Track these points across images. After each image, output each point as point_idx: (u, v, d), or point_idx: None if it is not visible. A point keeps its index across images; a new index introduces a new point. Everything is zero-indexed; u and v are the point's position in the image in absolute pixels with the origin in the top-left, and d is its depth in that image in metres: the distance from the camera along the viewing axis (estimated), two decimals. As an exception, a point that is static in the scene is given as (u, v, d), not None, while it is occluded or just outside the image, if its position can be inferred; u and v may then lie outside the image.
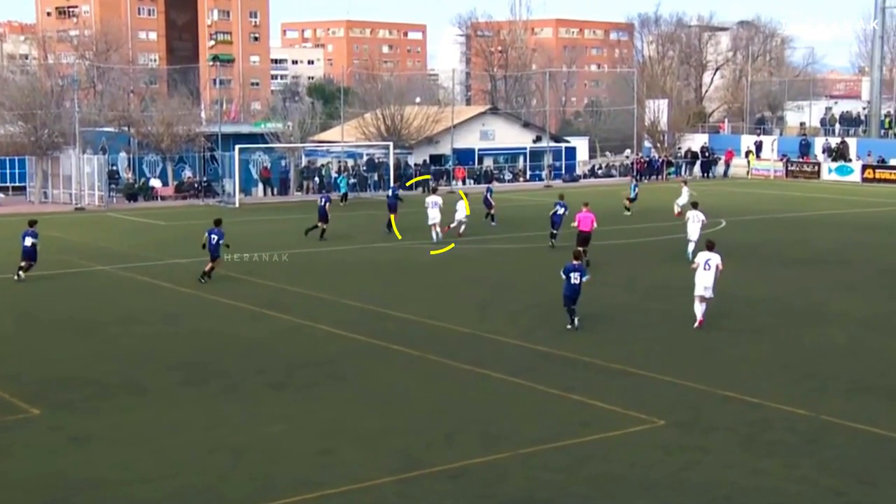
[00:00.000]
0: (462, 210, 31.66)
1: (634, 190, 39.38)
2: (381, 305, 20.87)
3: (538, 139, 60.99)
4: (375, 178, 52.61)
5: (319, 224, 31.56)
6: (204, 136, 50.41)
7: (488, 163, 59.48)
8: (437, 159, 57.20)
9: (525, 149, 60.48)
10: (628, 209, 37.40)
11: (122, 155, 50.46)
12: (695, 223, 26.17)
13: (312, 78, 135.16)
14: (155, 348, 17.19)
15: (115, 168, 48.92)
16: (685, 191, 37.74)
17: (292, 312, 20.18)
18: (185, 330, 18.77)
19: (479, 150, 59.07)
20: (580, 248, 20.03)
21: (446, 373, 15.69)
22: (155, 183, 49.00)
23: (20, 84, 49.68)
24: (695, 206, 27.17)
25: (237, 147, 45.45)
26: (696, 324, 18.83)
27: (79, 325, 19.02)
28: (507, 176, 58.92)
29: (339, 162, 53.46)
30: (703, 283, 19.47)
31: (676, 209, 37.40)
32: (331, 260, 27.77)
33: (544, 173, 58.15)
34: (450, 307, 20.86)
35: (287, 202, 47.15)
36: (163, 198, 48.20)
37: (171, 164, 49.82)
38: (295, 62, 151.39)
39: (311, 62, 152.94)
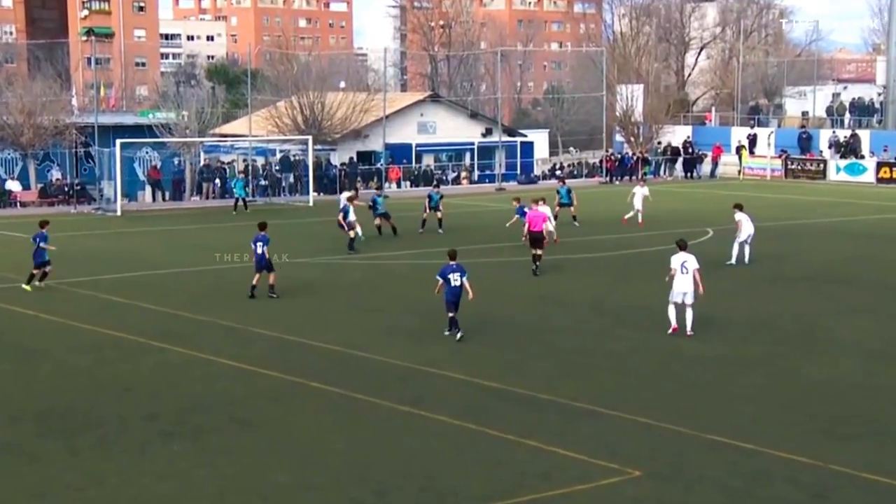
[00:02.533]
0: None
1: (567, 194, 38.03)
2: (297, 334, 20.80)
3: (488, 132, 61.49)
4: (291, 179, 52.44)
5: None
6: (76, 129, 49.73)
7: (428, 161, 59.74)
8: (366, 157, 57.27)
9: (473, 144, 60.90)
10: (556, 216, 36.88)
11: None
12: (749, 224, 28.95)
13: (212, 58, 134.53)
14: (7, 392, 16.83)
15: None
16: (638, 193, 38.39)
17: (187, 343, 19.98)
18: (47, 368, 18.45)
19: (418, 145, 59.30)
20: (453, 252, 20.67)
21: (376, 415, 15.64)
22: (13, 186, 48.21)
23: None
24: (739, 207, 29.23)
25: (118, 142, 44.96)
26: (671, 329, 20.31)
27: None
28: (451, 176, 59.19)
29: (246, 160, 53.19)
30: (682, 288, 20.23)
31: (630, 212, 38.12)
32: (234, 279, 27.55)
33: (496, 174, 58.60)
34: (379, 335, 20.88)
35: (181, 209, 46.78)
36: (23, 204, 47.42)
37: (33, 163, 49.04)
38: (191, 38, 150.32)
39: (210, 38, 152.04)
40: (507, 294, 25.42)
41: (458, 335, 20.09)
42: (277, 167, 53.23)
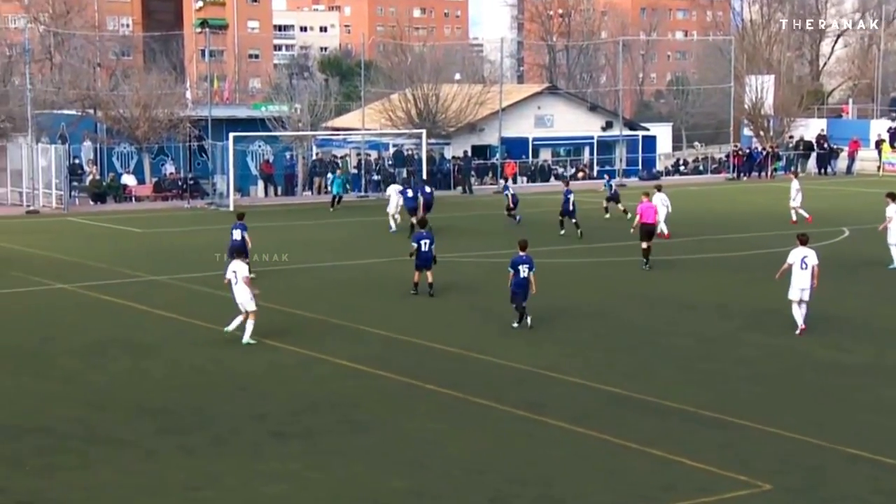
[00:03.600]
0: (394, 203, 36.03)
1: (611, 188, 39.29)
2: (411, 333, 20.95)
3: (608, 126, 60.95)
4: (404, 174, 52.73)
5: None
6: (190, 122, 50.93)
7: (545, 156, 59.52)
8: (481, 151, 57.34)
9: (592, 138, 60.41)
10: (607, 210, 38.28)
11: (87, 144, 51.14)
12: None
13: (326, 49, 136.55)
14: (124, 388, 17.36)
15: (77, 161, 49.57)
16: (795, 186, 37.53)
17: (298, 341, 20.30)
18: (162, 364, 18.96)
19: (534, 139, 59.11)
20: (524, 242, 21.01)
21: (492, 419, 15.65)
22: (128, 180, 49.60)
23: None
24: (893, 197, 28.08)
25: (231, 135, 45.83)
26: (798, 331, 20.25)
27: (29, 358, 19.28)
28: (569, 172, 58.84)
29: (360, 154, 53.76)
30: (800, 284, 20.22)
31: (794, 215, 37.10)
32: (347, 277, 27.91)
33: (616, 169, 58.01)
34: (496, 336, 20.89)
35: (293, 204, 47.57)
36: (138, 199, 48.78)
37: (148, 157, 50.37)
38: (304, 29, 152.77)
39: (323, 29, 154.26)
40: (628, 295, 25.20)
41: (528, 322, 20.96)
42: (390, 162, 53.68)
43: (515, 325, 21.36)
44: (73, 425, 15.31)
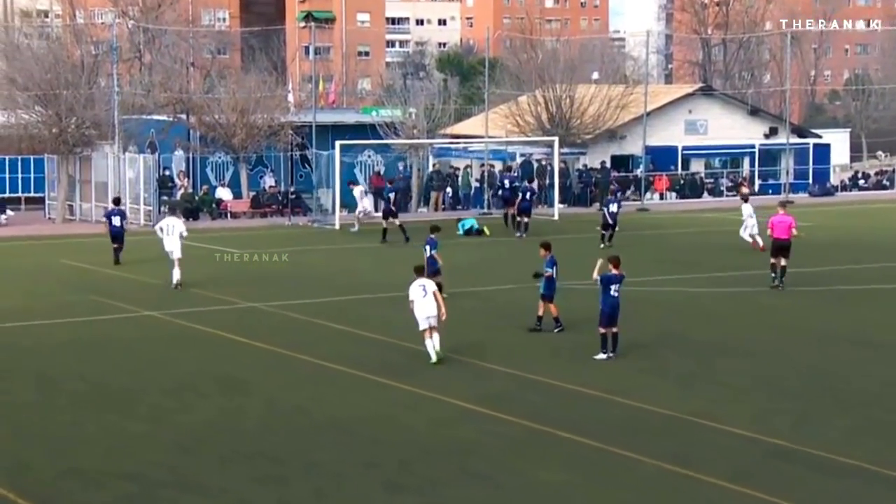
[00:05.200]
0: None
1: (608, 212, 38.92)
2: (538, 371, 20.96)
3: (772, 133, 60.06)
4: (535, 187, 52.78)
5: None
6: (292, 129, 51.90)
7: (697, 168, 58.90)
8: (621, 162, 57.14)
9: (753, 147, 59.58)
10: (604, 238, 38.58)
11: (178, 154, 52.54)
12: None
13: (444, 45, 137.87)
14: (217, 429, 17.75)
15: (167, 172, 50.95)
16: None
17: (412, 379, 20.49)
18: (258, 403, 19.33)
19: (685, 148, 58.58)
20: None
21: (634, 473, 15.54)
22: (223, 194, 50.78)
23: (38, 53, 51.88)
24: None
25: (338, 144, 46.49)
26: None
27: (112, 394, 19.85)
28: (724, 185, 58.16)
29: (483, 165, 54.05)
30: None
31: None
32: (465, 307, 28.04)
33: (782, 183, 57.09)
34: (638, 377, 20.78)
35: (407, 222, 47.60)
36: (234, 215, 49.91)
37: (245, 168, 51.48)
38: (420, 22, 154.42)
39: (442, 22, 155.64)
40: (789, 329, 24.86)
41: (615, 350, 21.57)
42: (517, 173, 53.82)
43: (602, 355, 21.54)
44: (161, 471, 15.71)
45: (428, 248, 27.38)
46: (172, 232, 31.35)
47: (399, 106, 54.48)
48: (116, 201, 38.29)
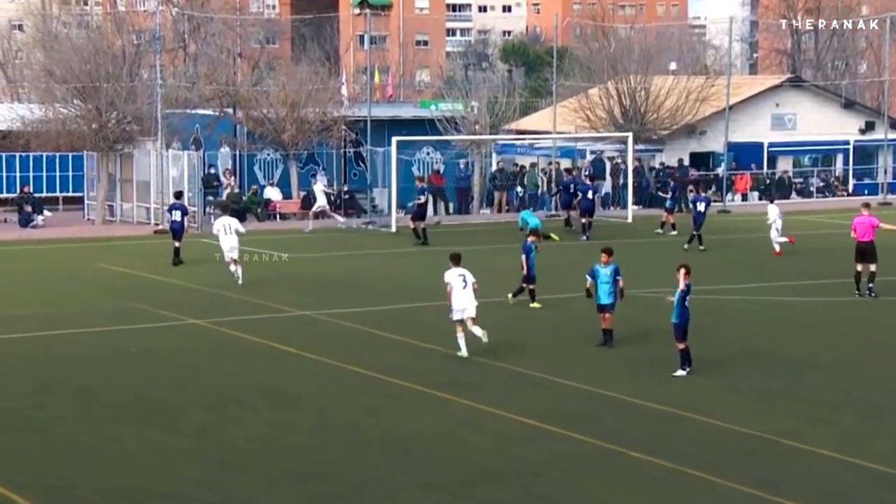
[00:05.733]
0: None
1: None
2: (609, 386, 20.99)
3: (869, 128, 59.40)
4: (609, 188, 52.69)
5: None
6: (345, 124, 52.12)
7: (784, 166, 58.44)
8: (701, 159, 56.78)
9: (847, 144, 59.02)
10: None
11: (224, 151, 52.93)
12: None
13: (509, 34, 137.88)
14: (265, 446, 17.91)
15: (212, 170, 51.35)
16: None
17: (474, 394, 20.55)
18: (309, 418, 19.49)
19: (771, 145, 58.13)
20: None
21: (712, 497, 15.52)
22: (272, 194, 51.10)
23: (78, 43, 52.49)
24: None
25: (394, 140, 46.63)
26: None
27: (154, 408, 20.09)
28: (814, 185, 57.64)
29: (550, 163, 54.04)
30: None
31: None
32: (529, 315, 28.07)
33: (879, 183, 56.50)
34: (718, 394, 20.73)
35: (468, 224, 48.10)
36: (283, 216, 50.23)
37: (295, 166, 51.76)
38: (482, 9, 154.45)
39: (507, 9, 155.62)
40: (887, 343, 24.57)
41: (687, 370, 21.61)
42: (588, 172, 53.73)
43: (681, 371, 21.53)
44: (205, 490, 15.90)
45: (527, 251, 28.04)
46: (230, 231, 32.57)
47: (460, 99, 54.54)
48: (178, 195, 38.97)
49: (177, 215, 36.76)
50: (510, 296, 28.80)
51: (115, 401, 20.47)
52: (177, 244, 35.82)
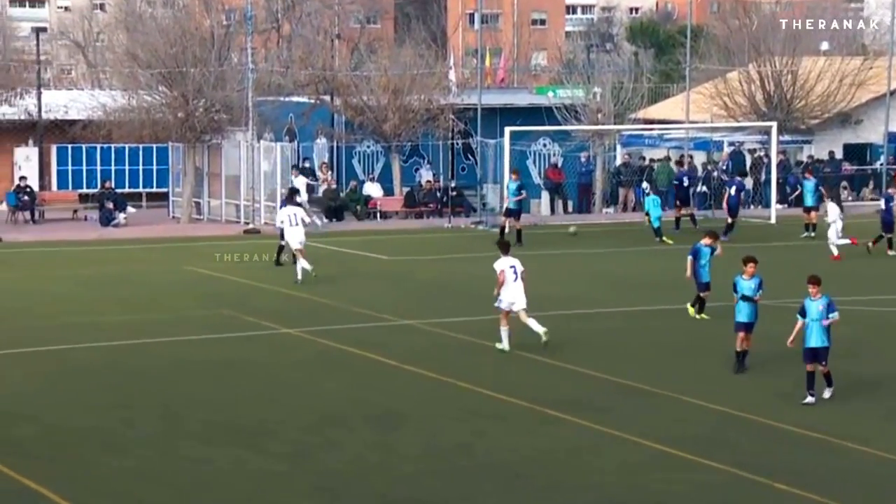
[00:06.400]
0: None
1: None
2: (749, 408, 20.83)
3: None
4: (750, 183, 51.99)
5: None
6: (453, 113, 52.24)
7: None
8: (856, 152, 55.92)
9: None
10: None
11: (321, 142, 53.39)
12: None
13: (637, 11, 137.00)
14: (365, 470, 18.04)
15: (307, 164, 51.81)
16: None
17: (590, 413, 20.51)
18: (414, 439, 19.57)
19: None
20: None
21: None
22: (372, 190, 51.42)
23: (163, 25, 53.20)
24: None
25: (507, 130, 46.69)
26: None
27: (245, 427, 20.29)
28: None
29: (683, 156, 53.55)
30: None
31: None
32: (657, 326, 27.92)
33: None
34: (875, 419, 20.56)
35: (590, 224, 47.90)
36: (384, 215, 50.50)
37: (398, 159, 52.04)
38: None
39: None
40: None
41: (828, 393, 21.32)
42: (726, 166, 53.27)
43: (810, 398, 21.10)
44: (300, 519, 16.09)
45: (697, 255, 27.87)
46: (296, 221, 33.48)
47: (581, 85, 54.38)
48: (292, 193, 38.27)
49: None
50: (690, 308, 28.49)
51: (204, 418, 20.76)
52: (282, 243, 36.04)
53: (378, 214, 50.51)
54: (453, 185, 51.24)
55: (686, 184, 45.45)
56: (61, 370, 24.09)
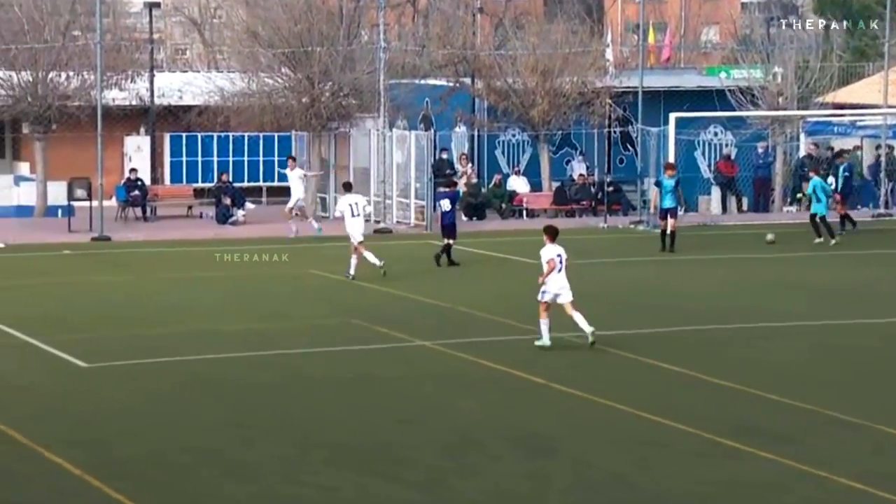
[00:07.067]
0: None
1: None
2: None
3: None
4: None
5: None
6: (610, 96, 52.02)
7: None
8: None
9: None
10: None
11: (461, 130, 53.52)
12: None
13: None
14: (509, 501, 18.00)
15: (445, 155, 51.93)
16: None
17: (771, 444, 20.26)
18: (565, 468, 19.45)
19: None
20: None
21: None
22: (517, 185, 51.45)
23: (287, 0, 53.31)
24: None
25: (672, 117, 46.45)
26: None
27: (375, 451, 20.35)
28: None
29: (879, 147, 52.69)
30: None
31: None
32: (848, 344, 27.55)
33: None
34: None
35: (769, 225, 47.37)
36: (531, 213, 50.49)
37: (547, 150, 51.97)
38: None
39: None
40: None
41: None
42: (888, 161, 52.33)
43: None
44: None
45: None
46: (358, 211, 34.47)
47: (759, 65, 53.81)
48: (451, 182, 39.31)
49: (445, 204, 37.63)
50: None
51: (331, 440, 20.89)
52: (446, 242, 36.45)
53: (524, 212, 50.52)
54: (609, 179, 51.05)
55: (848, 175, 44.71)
56: (173, 383, 24.44)
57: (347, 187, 37.98)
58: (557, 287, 25.91)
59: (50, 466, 18.92)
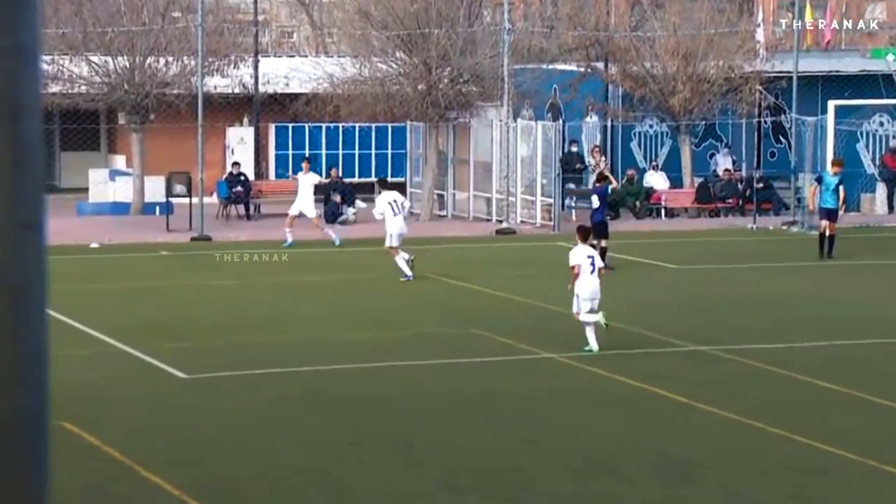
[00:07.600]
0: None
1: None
2: None
3: None
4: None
5: None
6: (760, 83, 51.67)
7: None
8: None
9: None
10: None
11: (592, 121, 53.45)
12: None
13: None
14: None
15: (575, 149, 51.90)
16: None
17: None
18: (708, 495, 19.45)
19: None
20: None
21: None
22: (654, 180, 51.31)
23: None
24: None
25: (832, 105, 46.16)
26: None
27: (493, 472, 20.37)
28: None
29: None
30: None
31: None
32: None
33: None
34: None
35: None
36: (671, 212, 50.35)
37: (689, 143, 51.77)
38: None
39: None
40: None
41: None
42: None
43: None
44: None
45: None
46: (398, 209, 35.35)
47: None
48: (600, 177, 39.33)
49: (595, 201, 37.75)
50: None
51: (447, 461, 20.98)
52: (601, 244, 36.36)
53: (663, 211, 50.36)
54: (759, 174, 50.70)
55: None
56: (281, 398, 24.63)
57: (384, 184, 38.27)
58: (590, 291, 26.18)
59: (147, 486, 19.19)
